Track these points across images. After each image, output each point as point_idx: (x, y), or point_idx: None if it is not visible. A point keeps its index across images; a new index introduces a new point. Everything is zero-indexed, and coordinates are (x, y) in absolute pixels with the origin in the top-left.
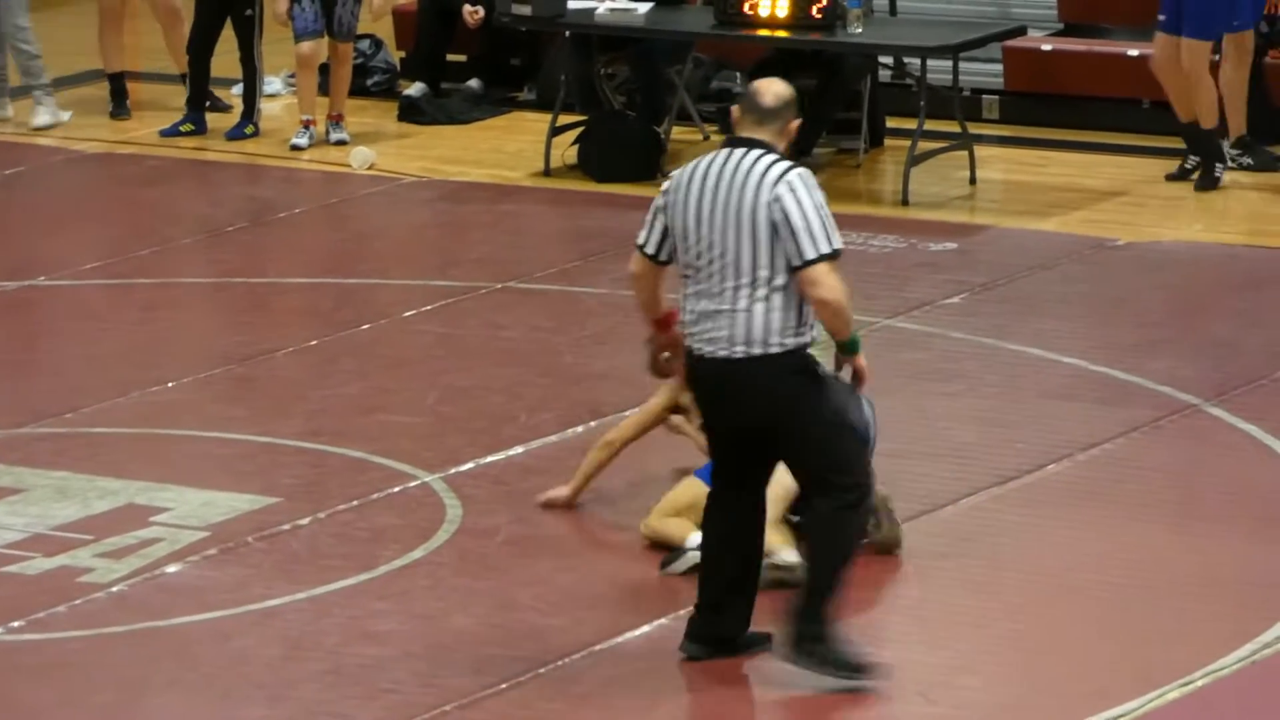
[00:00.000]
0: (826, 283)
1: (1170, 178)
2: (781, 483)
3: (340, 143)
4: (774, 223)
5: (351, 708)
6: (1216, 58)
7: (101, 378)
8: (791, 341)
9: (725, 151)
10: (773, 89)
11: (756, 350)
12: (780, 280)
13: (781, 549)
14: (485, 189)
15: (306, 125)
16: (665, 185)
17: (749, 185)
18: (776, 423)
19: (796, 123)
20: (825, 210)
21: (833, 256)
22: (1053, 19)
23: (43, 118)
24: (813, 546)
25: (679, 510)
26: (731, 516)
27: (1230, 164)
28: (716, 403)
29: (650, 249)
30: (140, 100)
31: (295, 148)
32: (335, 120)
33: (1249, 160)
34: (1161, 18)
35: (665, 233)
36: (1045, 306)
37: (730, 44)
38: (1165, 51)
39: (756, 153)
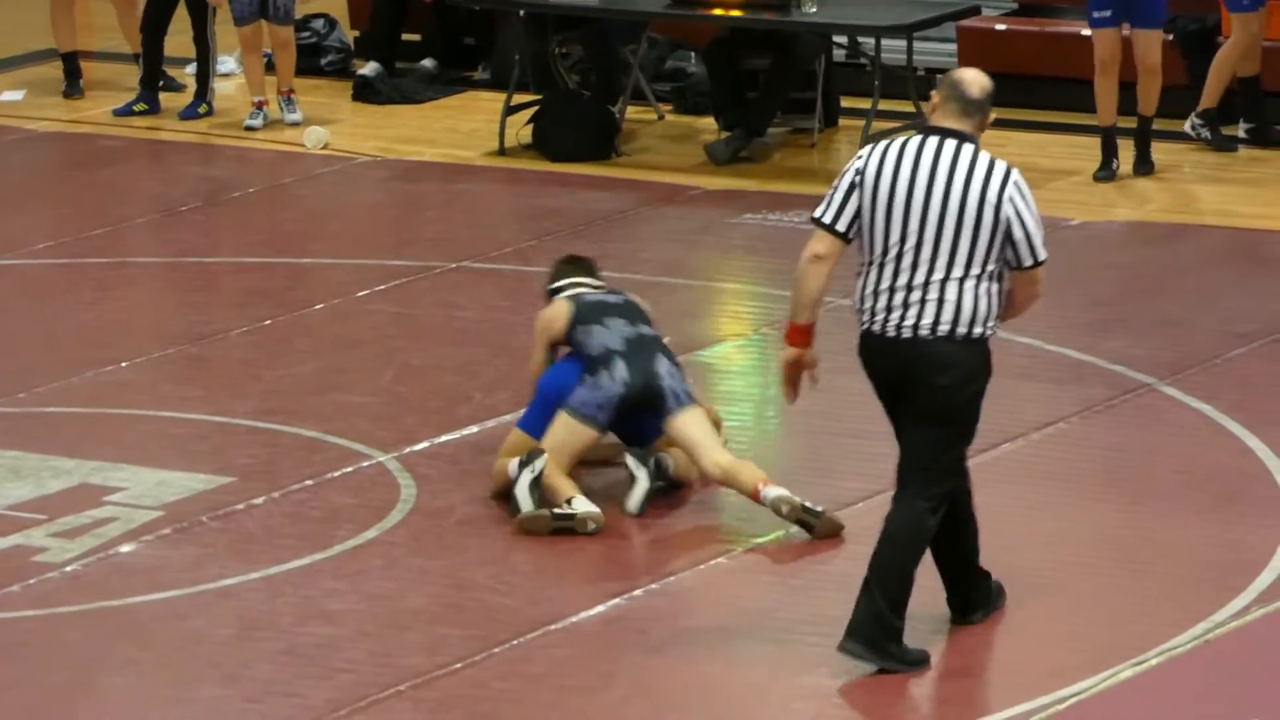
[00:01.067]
0: (1042, 282)
1: (1100, 178)
2: (566, 443)
3: (295, 124)
4: (1002, 225)
5: (305, 687)
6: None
7: (54, 357)
8: (989, 330)
9: (934, 140)
10: (979, 81)
11: (960, 332)
12: (981, 271)
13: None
14: (439, 168)
15: (259, 106)
16: (857, 165)
17: (974, 181)
18: (930, 397)
19: (993, 117)
20: (1038, 214)
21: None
22: None
23: None
24: (890, 540)
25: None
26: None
27: (1191, 133)
28: (902, 381)
29: (841, 227)
30: (94, 79)
31: (249, 129)
32: (287, 96)
33: (1208, 135)
34: (1106, 13)
35: (858, 211)
36: None
37: (685, 24)
38: (1112, 48)
39: (970, 147)
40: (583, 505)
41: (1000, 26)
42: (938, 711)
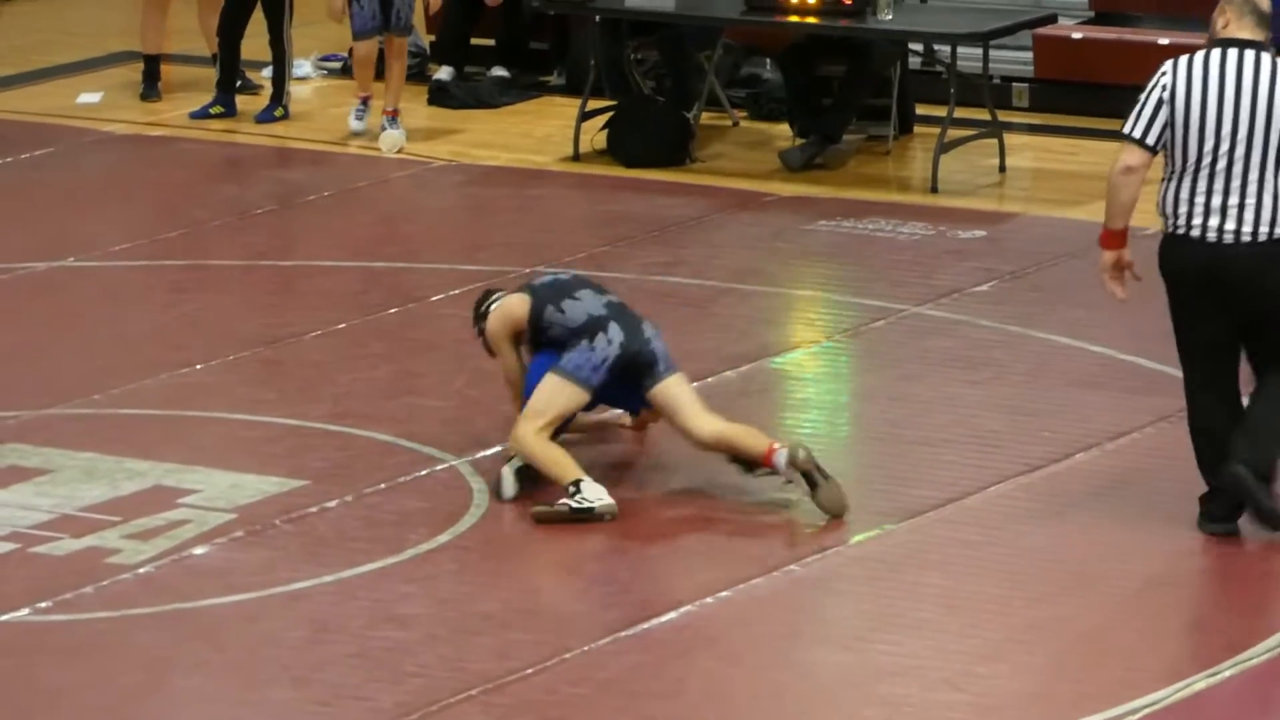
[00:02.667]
0: None
1: None
2: (554, 403)
3: (395, 143)
4: None
5: (376, 691)
6: None
7: (130, 359)
8: None
9: (1235, 51)
10: (1258, 2)
11: (1266, 231)
12: None
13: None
14: (514, 173)
15: (364, 103)
16: (1164, 80)
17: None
18: (1266, 296)
19: None
20: None
21: None
22: (1083, 7)
23: None
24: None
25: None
26: (1216, 403)
27: None
28: (1214, 285)
29: (1151, 140)
30: (170, 82)
31: (357, 134)
32: (391, 116)
33: None
34: None
35: (1166, 124)
36: (1074, 294)
37: (760, 30)
38: None
39: (1269, 56)
40: (593, 493)
41: (1077, 35)
42: (1004, 717)
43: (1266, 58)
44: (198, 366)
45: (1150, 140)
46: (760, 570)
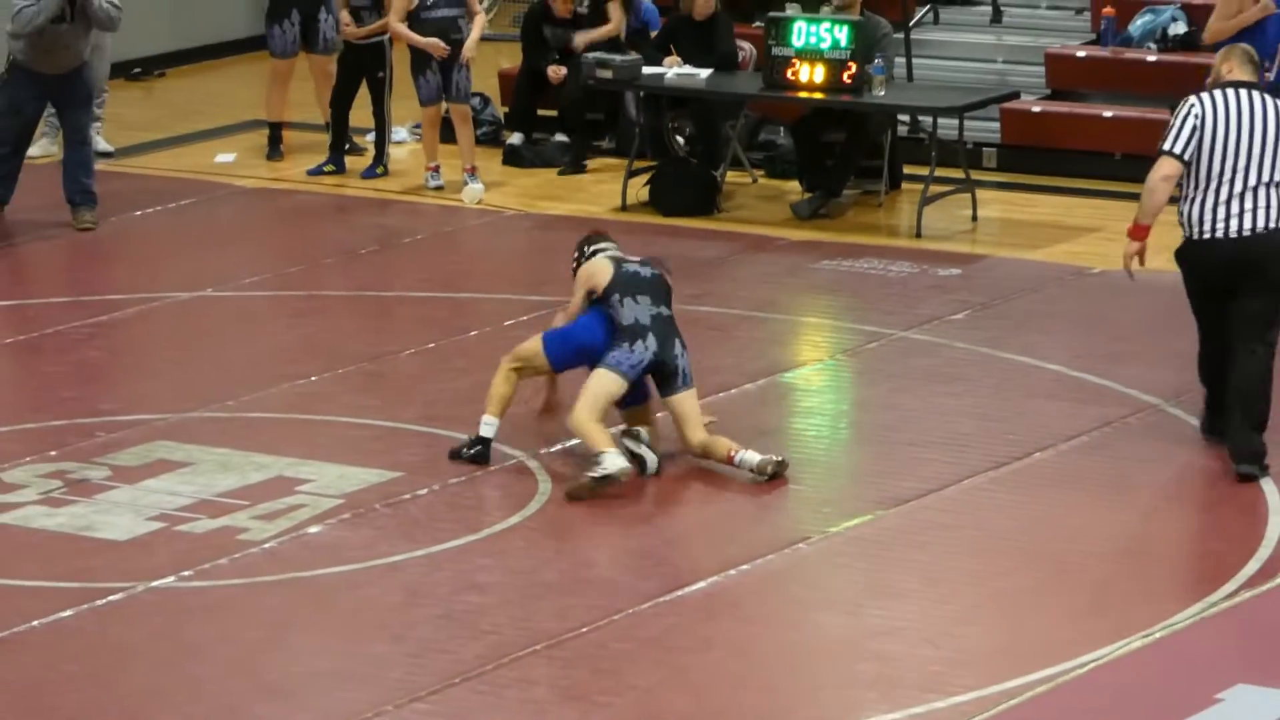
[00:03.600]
0: None
1: None
2: (605, 391)
3: (477, 195)
4: None
5: (459, 646)
6: None
7: (257, 372)
8: None
9: (1245, 91)
10: (1253, 50)
11: (1274, 225)
12: None
13: (606, 453)
14: (572, 221)
15: (434, 170)
16: (1195, 110)
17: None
18: (1273, 272)
19: None
20: None
21: None
22: (1042, 86)
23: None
24: (1253, 380)
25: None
26: (1215, 355)
27: None
28: (1229, 269)
29: (1186, 156)
30: (289, 145)
31: (437, 188)
32: (471, 172)
33: None
34: None
35: (1197, 145)
36: (1033, 322)
37: (776, 103)
38: None
39: (1269, 97)
40: (610, 461)
41: (1036, 108)
42: (975, 670)
43: (1266, 97)
44: (313, 378)
45: (1185, 155)
46: (773, 548)
